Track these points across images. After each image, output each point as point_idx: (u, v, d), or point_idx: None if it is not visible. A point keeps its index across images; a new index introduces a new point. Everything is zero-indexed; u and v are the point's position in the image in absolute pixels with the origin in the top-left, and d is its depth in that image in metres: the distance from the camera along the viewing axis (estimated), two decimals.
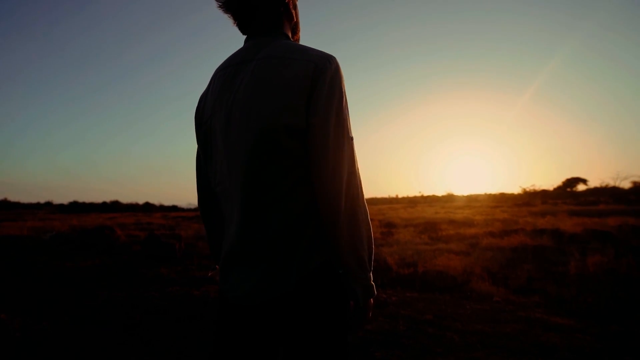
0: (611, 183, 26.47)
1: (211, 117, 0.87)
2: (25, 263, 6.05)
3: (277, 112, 0.76)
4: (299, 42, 0.98)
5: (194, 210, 29.44)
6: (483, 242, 6.60)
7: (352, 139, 0.80)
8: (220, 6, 0.90)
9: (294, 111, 0.76)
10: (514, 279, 4.04)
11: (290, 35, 0.92)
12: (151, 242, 6.66)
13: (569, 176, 30.37)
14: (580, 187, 29.66)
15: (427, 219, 11.55)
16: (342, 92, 0.79)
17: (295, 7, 0.94)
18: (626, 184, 26.29)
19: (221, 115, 0.84)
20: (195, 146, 0.98)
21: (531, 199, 23.44)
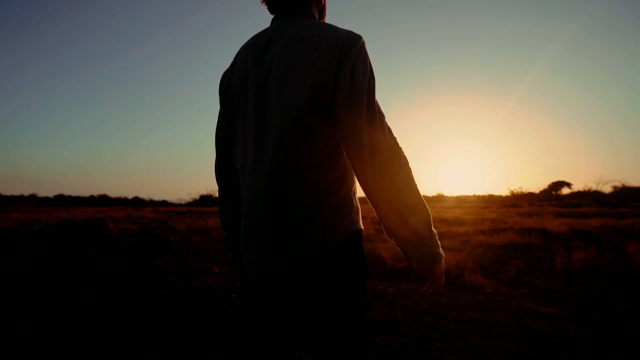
0: (594, 187, 27.36)
1: (239, 94, 0.89)
2: (13, 253, 5.98)
3: (307, 90, 0.78)
4: None
5: (185, 205, 29.23)
6: (474, 239, 6.80)
7: (381, 114, 0.81)
8: None
9: (324, 88, 0.78)
10: (505, 273, 4.22)
11: (317, 16, 0.95)
12: (146, 234, 6.64)
13: (554, 180, 31.17)
14: (565, 191, 30.51)
15: None
16: (366, 68, 0.80)
17: None
18: (607, 189, 27.26)
19: (251, 93, 0.85)
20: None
21: (518, 200, 23.99)
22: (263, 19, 0.98)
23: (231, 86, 0.93)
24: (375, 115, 0.79)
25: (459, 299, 3.40)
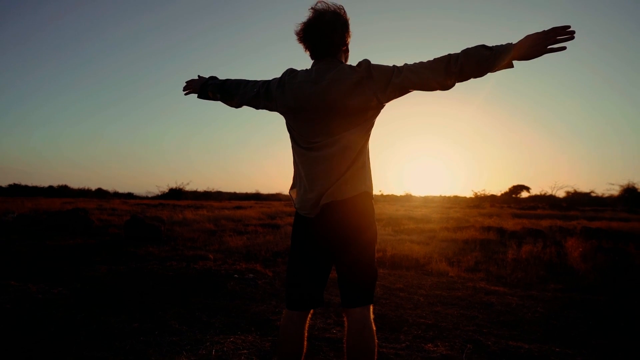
0: (549, 192, 29.61)
1: (298, 110, 1.39)
2: None
3: (350, 104, 1.33)
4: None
5: (155, 198, 28.63)
6: (440, 235, 7.55)
7: (400, 66, 1.34)
8: (302, 41, 1.43)
9: (360, 101, 1.34)
10: (465, 262, 4.94)
11: (343, 61, 1.47)
12: (135, 224, 6.82)
13: (515, 183, 33.38)
14: (524, 194, 32.78)
15: (389, 215, 12.51)
16: (380, 67, 1.35)
17: (348, 45, 1.49)
18: (561, 193, 29.55)
19: (310, 111, 1.37)
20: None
21: (481, 202, 25.63)
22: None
23: (287, 103, 1.42)
24: (396, 68, 1.35)
25: (427, 281, 4.05)
